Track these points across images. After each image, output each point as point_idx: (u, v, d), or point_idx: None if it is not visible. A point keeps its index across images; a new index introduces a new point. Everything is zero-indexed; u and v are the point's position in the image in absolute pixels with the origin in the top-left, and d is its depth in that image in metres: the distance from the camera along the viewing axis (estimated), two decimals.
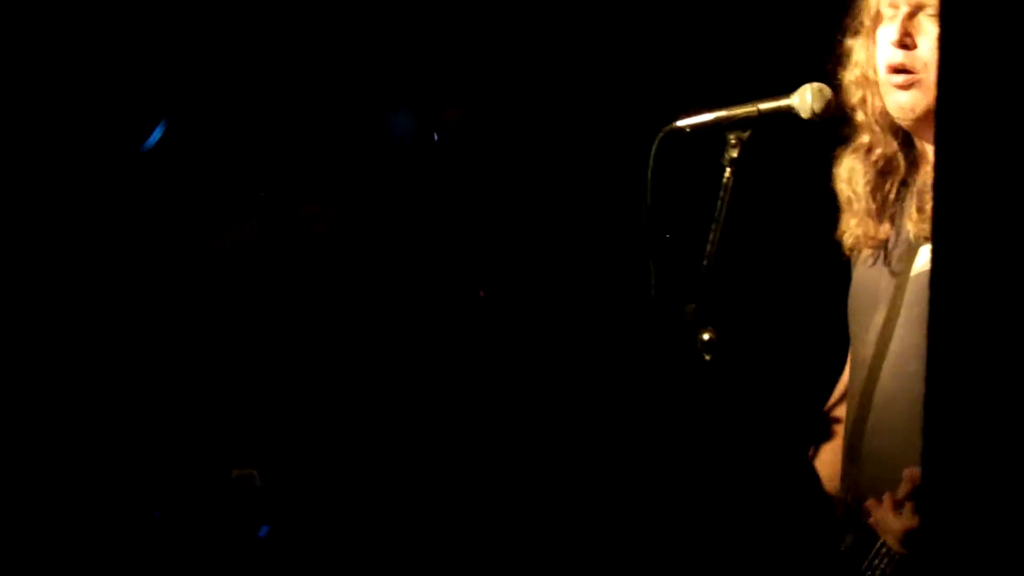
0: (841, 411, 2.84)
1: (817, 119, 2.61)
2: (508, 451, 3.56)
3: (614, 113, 3.61)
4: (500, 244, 3.63)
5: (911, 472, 2.49)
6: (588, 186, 3.65)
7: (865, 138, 2.70)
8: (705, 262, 2.62)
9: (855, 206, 2.72)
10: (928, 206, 2.59)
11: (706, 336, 2.57)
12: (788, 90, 2.62)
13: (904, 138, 2.69)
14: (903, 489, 2.50)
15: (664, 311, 2.65)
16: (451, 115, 3.60)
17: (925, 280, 2.52)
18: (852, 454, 2.69)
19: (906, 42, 2.57)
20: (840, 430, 2.81)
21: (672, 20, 3.61)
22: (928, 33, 2.57)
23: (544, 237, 3.66)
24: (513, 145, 3.67)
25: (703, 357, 2.58)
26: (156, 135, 3.36)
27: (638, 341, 3.28)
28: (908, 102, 2.60)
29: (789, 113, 2.62)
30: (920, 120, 2.61)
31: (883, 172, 2.70)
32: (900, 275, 2.64)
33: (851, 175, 2.72)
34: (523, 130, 3.68)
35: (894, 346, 2.61)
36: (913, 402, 2.53)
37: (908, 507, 2.49)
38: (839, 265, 2.84)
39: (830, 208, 2.91)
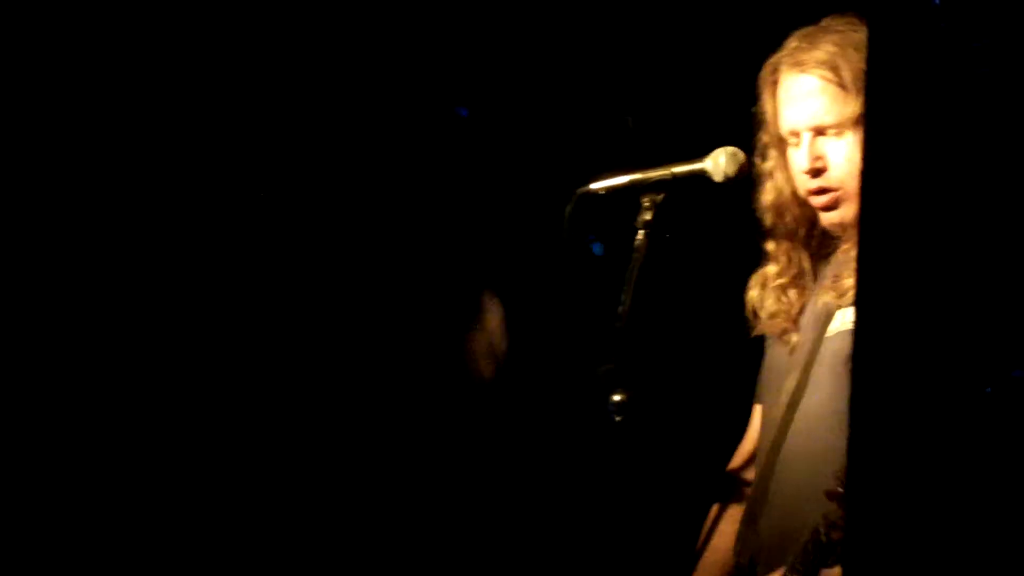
0: (740, 475, 2.87)
1: (730, 183, 2.64)
2: (416, 505, 3.54)
3: (529, 174, 3.62)
4: (414, 299, 3.62)
5: None
6: (504, 247, 3.65)
7: (772, 267, 2.81)
8: (618, 324, 2.63)
9: (778, 309, 2.81)
10: (844, 280, 2.70)
11: (617, 397, 2.58)
12: (702, 153, 2.66)
13: (815, 236, 2.79)
14: None
15: (577, 372, 2.65)
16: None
17: (838, 340, 2.61)
18: (750, 517, 2.72)
19: (817, 167, 2.67)
20: (740, 493, 2.84)
21: (589, 82, 3.63)
22: (835, 151, 2.67)
23: (459, 296, 3.65)
24: (430, 199, 3.66)
25: (614, 418, 2.59)
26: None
27: (551, 401, 3.28)
28: (837, 217, 2.70)
29: (703, 177, 2.65)
30: (849, 225, 2.70)
31: (791, 288, 2.80)
32: (814, 341, 2.69)
33: (779, 290, 2.81)
34: (440, 186, 3.68)
35: (803, 405, 2.66)
36: (815, 459, 2.59)
37: None
38: (749, 328, 2.87)
39: (740, 272, 2.95)
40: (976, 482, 1.45)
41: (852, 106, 2.62)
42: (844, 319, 2.67)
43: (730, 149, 2.64)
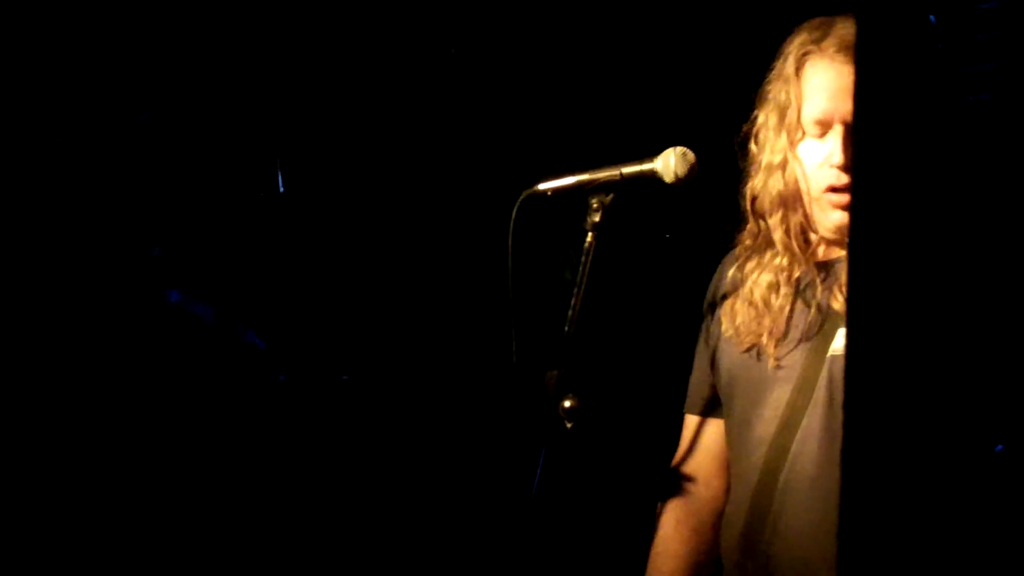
0: (690, 470, 2.81)
1: (680, 184, 2.57)
2: (369, 518, 3.50)
3: (477, 174, 3.58)
4: (361, 307, 3.57)
5: None
6: (449, 249, 3.61)
7: (784, 259, 2.66)
8: (567, 328, 2.57)
9: (759, 308, 2.67)
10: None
11: (567, 403, 2.52)
12: (652, 153, 2.60)
13: (808, 243, 2.68)
14: None
15: (526, 377, 2.60)
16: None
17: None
18: (748, 544, 2.58)
19: (851, 165, 2.46)
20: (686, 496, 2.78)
21: (538, 81, 3.60)
22: None
23: (405, 301, 3.61)
24: (372, 205, 3.62)
25: (564, 424, 2.53)
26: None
27: (501, 407, 3.23)
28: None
29: (652, 178, 2.59)
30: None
31: (800, 290, 2.66)
32: (811, 356, 2.58)
33: (770, 289, 2.66)
34: (381, 191, 3.64)
35: (805, 426, 2.54)
36: (827, 487, 2.49)
37: None
38: (698, 331, 2.82)
39: (691, 275, 2.90)
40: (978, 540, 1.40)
41: None
42: None
43: (680, 149, 2.57)
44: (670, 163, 2.56)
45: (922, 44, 1.53)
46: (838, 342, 2.56)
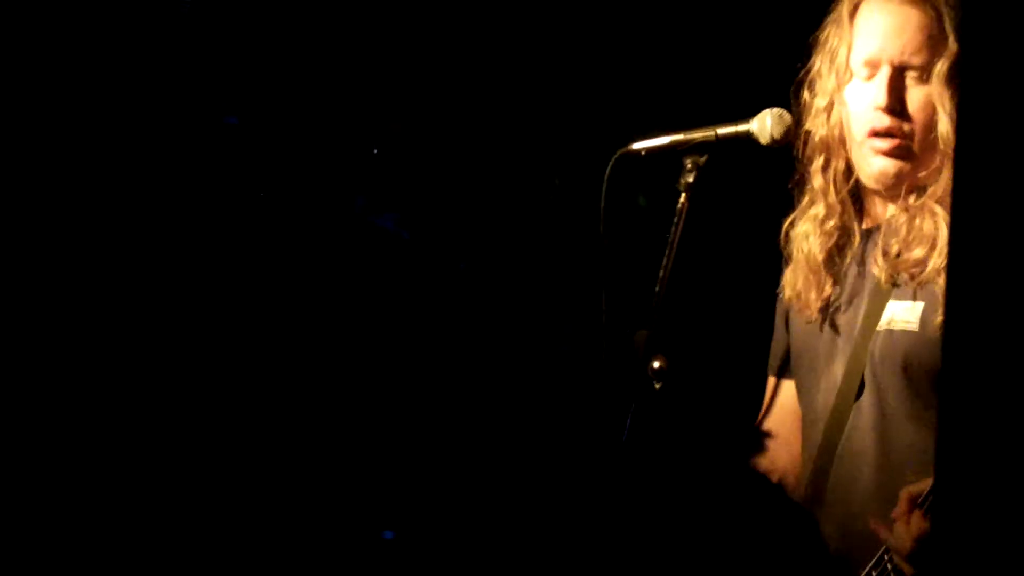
0: (770, 430, 2.81)
1: (776, 145, 2.56)
2: (457, 490, 3.52)
3: (569, 134, 3.57)
4: (452, 265, 3.58)
5: (909, 491, 2.40)
6: (541, 208, 3.60)
7: (821, 208, 2.65)
8: (657, 288, 2.57)
9: (806, 269, 2.66)
10: (892, 251, 2.55)
11: (656, 364, 2.52)
12: (748, 115, 2.58)
13: (856, 200, 2.66)
14: (902, 508, 2.41)
15: (615, 338, 2.60)
16: (395, 128, 3.56)
17: (897, 339, 2.49)
18: (814, 502, 2.63)
19: (896, 107, 2.52)
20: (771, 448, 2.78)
21: (634, 41, 3.57)
22: (915, 96, 2.52)
23: (495, 259, 3.62)
24: (463, 166, 3.62)
25: (653, 385, 2.53)
26: None
27: (589, 368, 3.23)
28: (892, 169, 2.55)
29: (748, 139, 2.57)
30: (891, 185, 2.57)
31: (838, 241, 2.65)
32: (864, 329, 2.58)
33: (807, 241, 2.66)
34: (475, 151, 3.64)
35: (861, 403, 2.55)
36: (878, 466, 2.53)
37: (916, 516, 2.38)
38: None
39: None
40: None
41: (944, 56, 2.49)
42: (897, 313, 2.54)
43: (776, 110, 2.55)
44: (766, 124, 2.55)
45: None
46: (885, 315, 2.55)
